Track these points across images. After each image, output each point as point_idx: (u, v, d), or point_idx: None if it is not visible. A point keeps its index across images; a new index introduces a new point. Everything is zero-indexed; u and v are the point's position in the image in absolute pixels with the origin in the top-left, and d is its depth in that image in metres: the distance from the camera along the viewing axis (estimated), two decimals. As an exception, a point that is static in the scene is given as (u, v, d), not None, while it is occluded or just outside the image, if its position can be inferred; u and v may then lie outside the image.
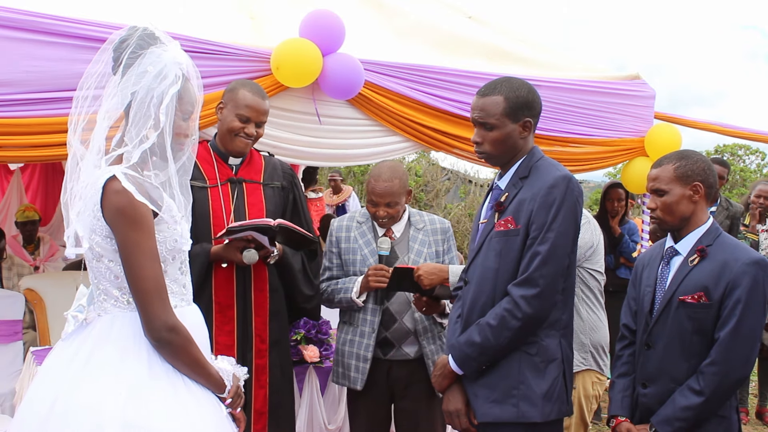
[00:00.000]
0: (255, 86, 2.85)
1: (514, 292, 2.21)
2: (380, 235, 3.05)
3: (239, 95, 2.76)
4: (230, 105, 2.77)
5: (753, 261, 2.26)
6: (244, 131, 2.76)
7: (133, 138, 1.78)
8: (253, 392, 2.78)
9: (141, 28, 1.84)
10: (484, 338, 2.23)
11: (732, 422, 2.33)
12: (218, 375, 1.85)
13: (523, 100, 2.28)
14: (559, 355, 2.28)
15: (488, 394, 2.26)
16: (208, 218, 2.74)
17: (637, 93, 4.49)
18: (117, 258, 1.76)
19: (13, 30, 2.85)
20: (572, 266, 2.30)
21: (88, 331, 1.79)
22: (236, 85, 2.82)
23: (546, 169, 2.28)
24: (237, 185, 2.84)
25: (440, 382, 2.39)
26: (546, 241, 2.19)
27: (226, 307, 2.74)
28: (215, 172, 2.81)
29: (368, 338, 2.96)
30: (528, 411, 2.21)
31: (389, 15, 4.24)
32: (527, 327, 2.21)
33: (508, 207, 2.29)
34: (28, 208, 5.99)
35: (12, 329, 4.32)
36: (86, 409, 1.66)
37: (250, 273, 2.78)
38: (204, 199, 2.75)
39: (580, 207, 2.28)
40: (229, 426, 1.86)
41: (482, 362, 2.27)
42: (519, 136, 2.30)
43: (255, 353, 2.79)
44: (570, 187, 2.23)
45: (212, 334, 2.67)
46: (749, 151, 14.86)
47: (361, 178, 10.86)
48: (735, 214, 5.06)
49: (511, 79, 2.34)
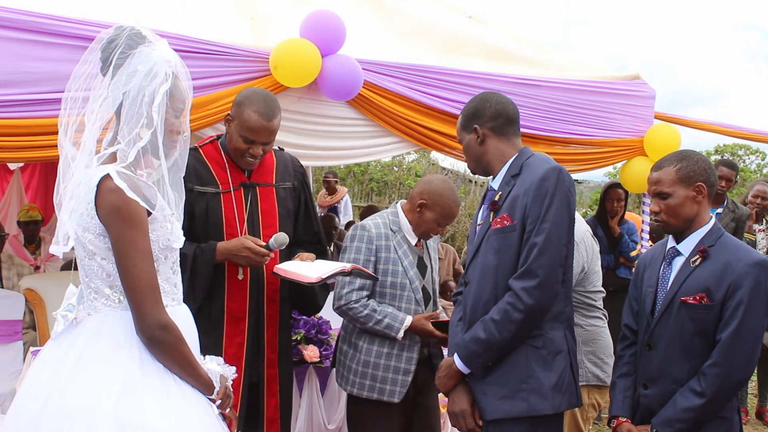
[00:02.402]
0: (262, 103, 2.63)
1: (514, 285, 2.23)
2: (413, 244, 3.00)
3: (244, 115, 2.61)
4: (236, 122, 2.65)
5: (755, 262, 2.26)
6: (249, 152, 2.66)
7: (126, 137, 1.78)
8: (265, 400, 2.77)
9: (128, 27, 1.83)
10: (489, 334, 2.24)
11: (733, 423, 2.32)
12: (207, 376, 1.86)
13: (472, 110, 2.43)
14: (565, 347, 2.30)
15: (497, 390, 2.27)
16: (221, 226, 2.69)
17: (637, 93, 4.49)
18: (110, 256, 1.76)
19: (13, 30, 2.84)
20: (570, 257, 2.33)
21: (79, 330, 1.79)
22: (244, 101, 2.65)
23: (536, 164, 2.32)
24: (250, 189, 2.77)
25: (445, 383, 2.39)
26: (542, 232, 2.21)
27: (238, 319, 2.70)
28: (227, 176, 2.73)
29: (410, 351, 2.91)
30: (538, 404, 2.23)
31: (389, 15, 4.23)
32: (531, 319, 2.23)
33: (502, 205, 2.32)
34: (32, 208, 6.00)
35: (12, 329, 4.32)
36: (79, 408, 1.66)
37: (263, 284, 2.74)
38: (217, 207, 2.69)
39: (572, 196, 2.30)
40: (219, 425, 1.86)
41: (488, 358, 2.28)
42: (476, 144, 2.41)
43: (266, 363, 2.77)
44: (561, 177, 2.25)
45: (221, 345, 2.65)
46: (749, 151, 14.87)
47: (360, 178, 10.86)
48: (741, 216, 5.07)
49: (471, 99, 2.49)
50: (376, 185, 10.83)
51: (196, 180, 2.67)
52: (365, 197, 10.79)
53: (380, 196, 10.87)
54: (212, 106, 3.28)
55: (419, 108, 3.84)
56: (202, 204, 2.68)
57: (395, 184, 10.99)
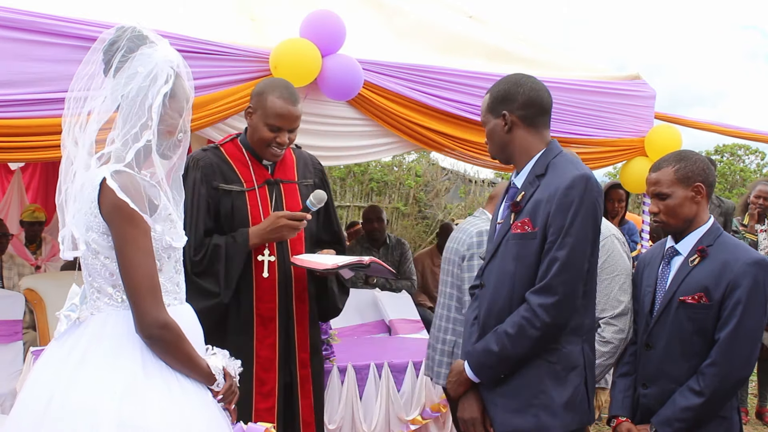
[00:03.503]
0: (285, 89, 2.62)
1: (532, 300, 2.12)
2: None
3: (268, 102, 2.57)
4: (259, 112, 2.60)
5: (753, 261, 2.26)
6: (276, 141, 2.61)
7: (125, 138, 1.78)
8: (300, 403, 2.73)
9: (129, 28, 1.83)
10: (502, 347, 2.15)
11: (733, 423, 2.32)
12: (209, 369, 1.85)
13: (502, 93, 2.26)
14: (582, 362, 2.19)
15: (507, 403, 2.19)
16: (247, 224, 2.65)
17: (637, 93, 4.49)
18: (113, 255, 1.76)
19: (13, 30, 2.84)
20: (592, 270, 2.20)
21: (82, 330, 1.79)
22: (265, 89, 2.62)
23: (563, 167, 2.17)
24: (274, 187, 2.73)
25: (455, 388, 2.32)
26: (564, 246, 2.09)
27: (268, 320, 2.66)
28: (251, 174, 2.69)
29: None
30: (548, 421, 2.13)
31: (389, 15, 4.23)
32: (547, 336, 2.13)
33: (524, 207, 2.19)
34: (37, 209, 6.02)
35: (12, 329, 4.32)
36: (82, 409, 1.66)
37: (291, 283, 2.71)
38: (243, 205, 2.66)
39: (600, 208, 2.18)
40: (222, 421, 1.85)
41: (500, 371, 2.20)
42: (503, 132, 2.26)
43: (299, 364, 2.73)
44: (588, 187, 2.12)
45: (252, 347, 2.63)
46: (749, 151, 14.83)
47: (360, 178, 10.84)
48: (727, 210, 5.07)
49: (501, 80, 2.32)
50: (376, 185, 10.80)
51: (221, 178, 2.65)
52: (365, 197, 10.77)
53: (380, 196, 10.85)
54: (212, 106, 3.28)
55: (419, 108, 3.84)
56: (227, 203, 2.66)
57: (395, 184, 10.96)
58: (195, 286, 2.52)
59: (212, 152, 2.72)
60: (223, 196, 2.65)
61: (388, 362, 3.72)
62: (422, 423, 3.77)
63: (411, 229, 10.71)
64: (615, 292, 2.67)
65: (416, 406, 3.76)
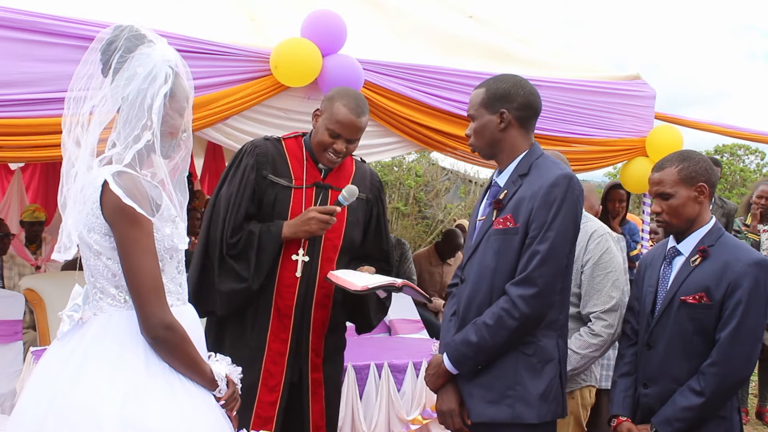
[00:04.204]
0: (353, 99, 2.64)
1: (512, 291, 2.19)
2: None
3: (334, 108, 2.61)
4: (326, 115, 2.63)
5: (754, 262, 2.26)
6: (333, 147, 2.62)
7: (126, 139, 1.78)
8: (311, 407, 2.73)
9: (127, 27, 1.82)
10: (481, 338, 2.20)
11: (733, 423, 2.32)
12: (212, 374, 1.85)
13: (502, 91, 2.30)
14: (557, 356, 2.26)
15: (484, 394, 2.24)
16: (285, 219, 2.65)
17: (637, 93, 4.49)
18: (115, 256, 1.75)
19: (13, 30, 2.85)
20: (570, 266, 2.29)
21: (84, 330, 1.79)
22: (335, 95, 2.66)
23: (546, 167, 2.25)
24: (322, 191, 2.72)
25: (434, 381, 2.37)
26: (546, 241, 2.16)
27: (284, 316, 2.67)
28: (303, 173, 2.70)
29: None
30: (523, 412, 2.19)
31: (389, 15, 4.23)
32: (524, 327, 2.19)
33: (507, 205, 2.26)
34: (38, 209, 6.02)
35: (12, 329, 4.32)
36: (84, 409, 1.65)
37: (314, 287, 2.69)
38: (286, 200, 2.67)
39: (580, 206, 2.26)
40: (225, 424, 1.85)
41: (478, 362, 2.25)
42: (497, 129, 2.30)
43: (311, 367, 2.72)
44: (571, 186, 2.20)
45: (266, 338, 2.65)
46: (749, 151, 14.82)
47: (360, 178, 10.84)
48: (730, 211, 5.07)
49: (499, 78, 2.35)
50: (376, 185, 10.83)
51: (271, 169, 2.67)
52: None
53: (380, 196, 10.87)
54: (212, 106, 3.28)
55: (420, 108, 3.84)
56: (271, 194, 2.67)
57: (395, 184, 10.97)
58: (228, 267, 2.59)
59: (272, 143, 2.74)
60: (269, 186, 2.67)
61: (388, 362, 3.72)
62: (422, 423, 3.77)
63: (411, 229, 10.71)
64: (607, 288, 2.73)
65: (416, 406, 3.77)
